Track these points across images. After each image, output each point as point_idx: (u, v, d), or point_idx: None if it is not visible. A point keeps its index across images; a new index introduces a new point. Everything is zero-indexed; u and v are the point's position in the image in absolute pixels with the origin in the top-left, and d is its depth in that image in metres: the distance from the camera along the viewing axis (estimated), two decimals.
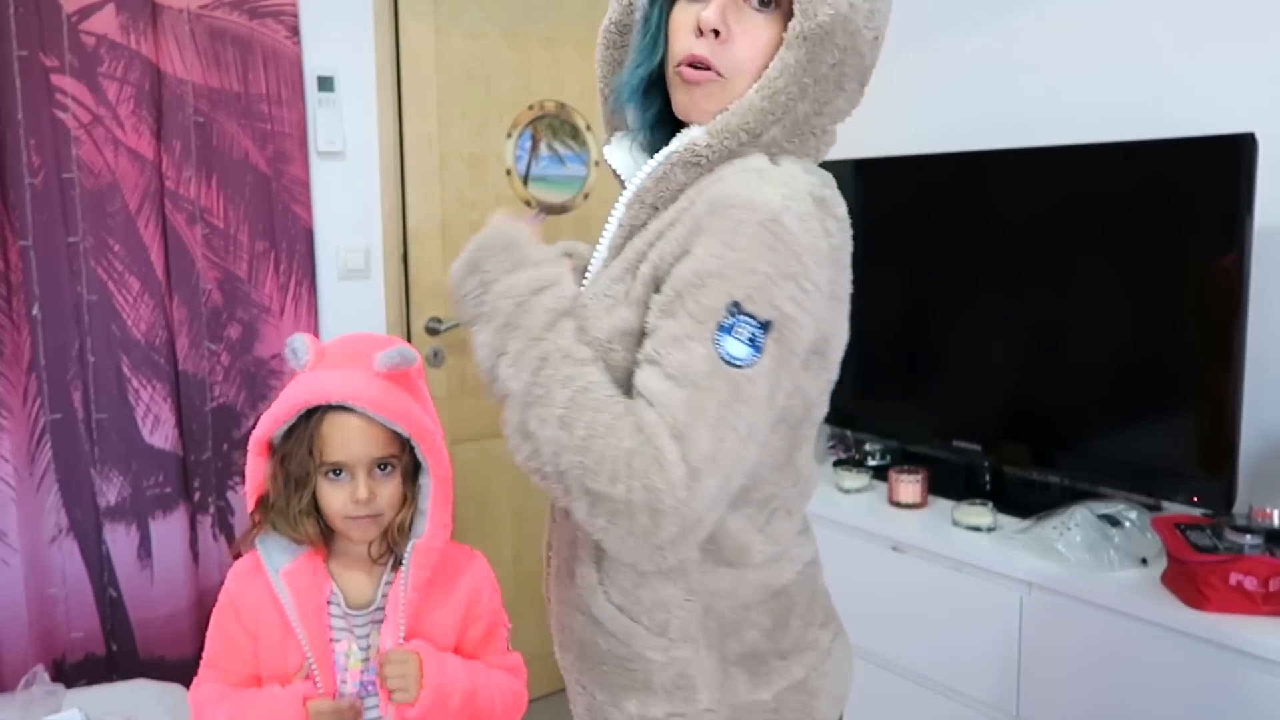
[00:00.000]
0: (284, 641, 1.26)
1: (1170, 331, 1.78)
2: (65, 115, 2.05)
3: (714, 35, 0.89)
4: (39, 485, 2.10)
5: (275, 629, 1.26)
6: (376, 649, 1.26)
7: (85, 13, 2.05)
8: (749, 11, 0.90)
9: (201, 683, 1.32)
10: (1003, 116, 2.22)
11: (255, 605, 1.27)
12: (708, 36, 0.89)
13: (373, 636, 1.28)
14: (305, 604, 1.25)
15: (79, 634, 2.16)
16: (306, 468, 1.23)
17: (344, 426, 1.22)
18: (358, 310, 2.50)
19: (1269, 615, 1.51)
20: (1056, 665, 1.72)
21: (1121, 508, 1.81)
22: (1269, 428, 1.83)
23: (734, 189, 0.84)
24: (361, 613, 1.29)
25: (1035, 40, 2.18)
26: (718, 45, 0.89)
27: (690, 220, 0.86)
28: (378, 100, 2.47)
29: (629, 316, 0.87)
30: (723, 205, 0.83)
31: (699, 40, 0.90)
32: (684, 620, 0.93)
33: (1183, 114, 1.91)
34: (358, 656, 1.28)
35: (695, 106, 0.93)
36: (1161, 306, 1.78)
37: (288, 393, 1.24)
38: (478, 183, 2.68)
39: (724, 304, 0.80)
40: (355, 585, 1.30)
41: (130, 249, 2.13)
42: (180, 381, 2.23)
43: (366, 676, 1.28)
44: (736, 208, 0.82)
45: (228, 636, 1.30)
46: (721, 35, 0.89)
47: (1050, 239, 1.93)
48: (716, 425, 0.79)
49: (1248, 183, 1.61)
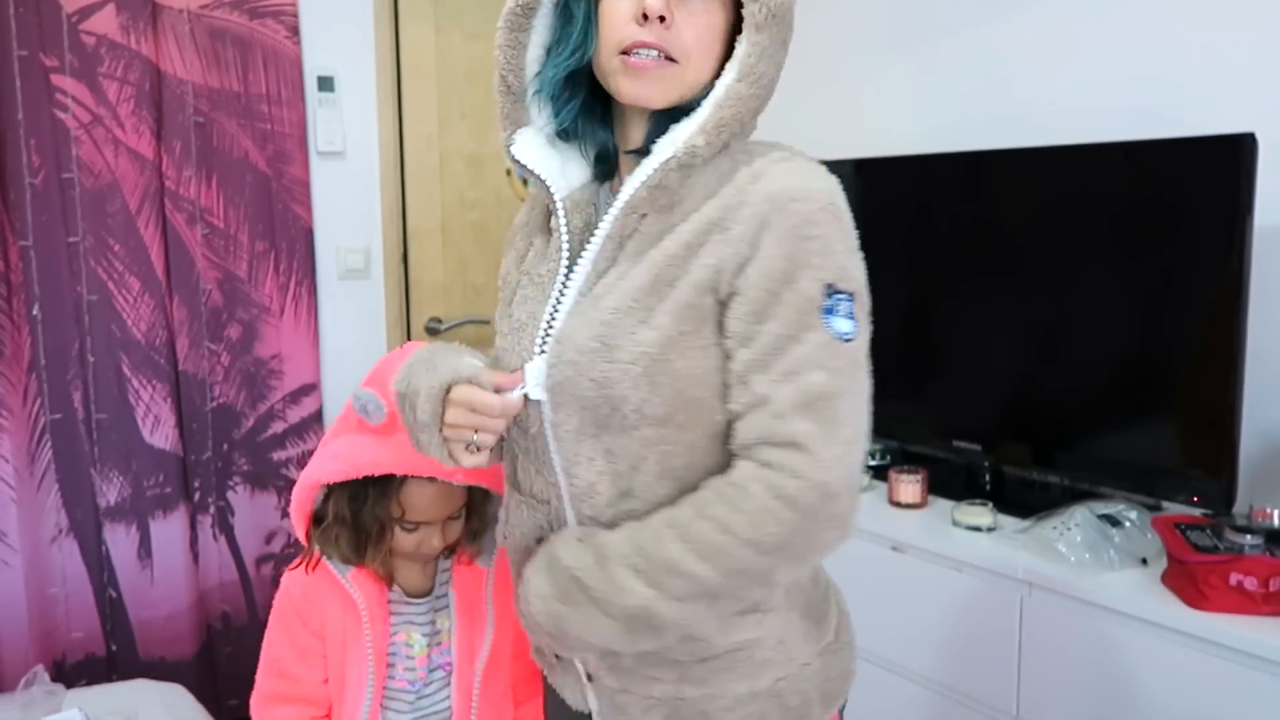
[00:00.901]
0: (348, 640, 1.33)
1: (1170, 331, 1.78)
2: (65, 115, 2.05)
3: (659, 21, 0.87)
4: (39, 485, 2.11)
5: (340, 629, 1.33)
6: (445, 632, 1.35)
7: (85, 13, 2.05)
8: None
9: (272, 699, 1.35)
10: (1003, 116, 2.22)
11: (321, 607, 1.34)
12: (653, 23, 0.87)
13: (439, 622, 1.36)
14: (372, 603, 1.33)
15: (79, 634, 2.16)
16: (383, 520, 1.28)
17: (427, 493, 1.27)
18: (358, 310, 2.50)
19: (1269, 615, 1.50)
20: (1056, 665, 1.72)
21: (1121, 508, 1.80)
22: (1269, 428, 1.83)
23: (788, 182, 0.88)
24: (421, 601, 1.36)
25: (1035, 40, 2.18)
26: (664, 30, 0.88)
27: (748, 221, 0.87)
28: (378, 100, 2.47)
29: (668, 324, 0.88)
30: (785, 200, 0.87)
31: (643, 27, 0.88)
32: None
33: (1183, 114, 1.91)
34: (421, 644, 1.35)
35: (645, 93, 0.91)
36: (1161, 306, 1.78)
37: (370, 454, 1.23)
38: (478, 183, 2.68)
39: (820, 290, 0.85)
40: (411, 577, 1.37)
41: (130, 249, 2.14)
42: (180, 381, 2.23)
43: (434, 661, 1.36)
44: (799, 200, 0.87)
45: (296, 642, 1.35)
46: (666, 20, 0.87)
47: (1050, 239, 1.93)
48: (851, 397, 0.86)
49: (1248, 183, 1.61)
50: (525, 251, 1.05)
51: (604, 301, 0.90)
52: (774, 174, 0.89)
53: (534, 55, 0.97)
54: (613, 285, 0.91)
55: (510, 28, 0.96)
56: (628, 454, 0.90)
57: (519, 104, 0.98)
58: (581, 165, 1.00)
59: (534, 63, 0.97)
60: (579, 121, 0.98)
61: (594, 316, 0.90)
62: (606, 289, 0.91)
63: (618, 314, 0.89)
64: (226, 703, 2.37)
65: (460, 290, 2.69)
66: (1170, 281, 1.76)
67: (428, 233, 2.61)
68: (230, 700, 2.38)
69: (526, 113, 0.99)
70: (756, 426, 0.85)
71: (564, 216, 0.96)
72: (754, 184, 0.89)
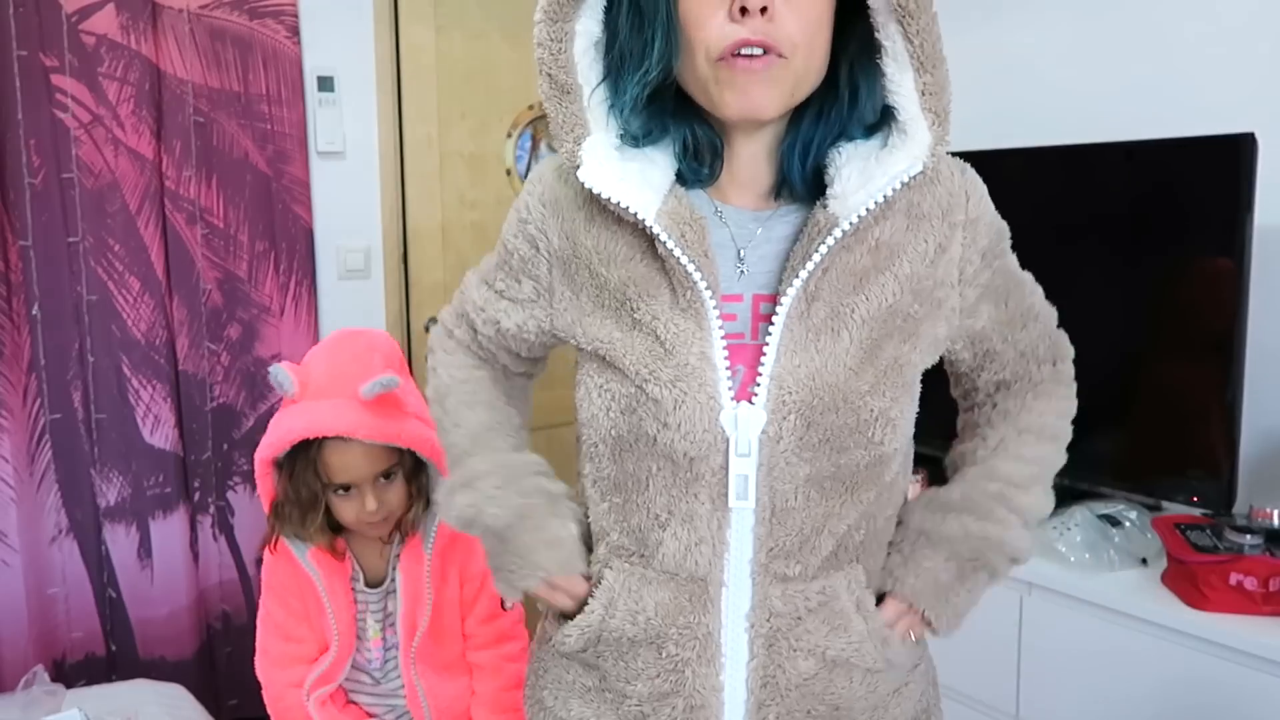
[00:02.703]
0: (310, 615, 1.43)
1: (1170, 331, 1.78)
2: (65, 115, 2.05)
3: (761, 13, 0.74)
4: (39, 485, 2.10)
5: (302, 606, 1.43)
6: (394, 614, 1.42)
7: (85, 13, 2.05)
8: None
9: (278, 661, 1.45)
10: (1003, 116, 2.22)
11: (291, 585, 1.42)
12: (754, 16, 0.74)
13: (389, 605, 1.44)
14: (333, 582, 1.40)
15: (79, 634, 2.16)
16: (315, 489, 1.34)
17: (346, 452, 1.32)
18: (358, 310, 2.50)
19: (1269, 615, 1.51)
20: (1056, 665, 1.72)
21: (1121, 508, 1.81)
22: (1269, 428, 1.83)
23: (986, 195, 0.92)
24: (375, 590, 1.44)
25: (1035, 40, 2.18)
26: (766, 23, 0.75)
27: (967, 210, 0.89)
28: (378, 100, 2.47)
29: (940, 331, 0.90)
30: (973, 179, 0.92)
31: (742, 23, 0.75)
32: None
33: (1183, 114, 1.91)
34: (375, 628, 1.44)
35: (755, 102, 0.78)
36: (1161, 306, 1.78)
37: (285, 422, 1.32)
38: (478, 183, 2.68)
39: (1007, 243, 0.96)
40: (371, 563, 1.44)
41: (130, 249, 2.14)
42: (180, 381, 2.23)
43: (389, 642, 1.45)
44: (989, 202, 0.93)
45: (287, 606, 1.44)
46: (769, 11, 0.74)
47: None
48: (1040, 291, 1.02)
49: (1248, 183, 1.61)
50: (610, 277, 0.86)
51: (844, 335, 0.82)
52: (971, 183, 0.91)
53: (582, 47, 0.82)
54: (843, 313, 0.82)
55: (552, 19, 0.80)
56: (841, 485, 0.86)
57: (574, 106, 0.82)
58: (666, 164, 0.85)
59: (583, 55, 0.83)
60: (660, 121, 0.84)
61: (843, 349, 0.82)
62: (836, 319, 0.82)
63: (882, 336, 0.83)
64: (226, 703, 2.37)
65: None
66: (1170, 281, 1.76)
67: (428, 233, 2.61)
68: (230, 700, 2.38)
69: (587, 120, 0.83)
70: (1035, 361, 0.99)
71: (671, 241, 0.81)
72: (963, 193, 0.89)
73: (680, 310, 0.82)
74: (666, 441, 0.81)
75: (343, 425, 1.28)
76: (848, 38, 0.81)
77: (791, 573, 0.84)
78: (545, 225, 0.89)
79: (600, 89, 0.83)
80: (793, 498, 0.82)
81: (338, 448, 1.31)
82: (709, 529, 0.83)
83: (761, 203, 0.87)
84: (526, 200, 0.92)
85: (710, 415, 0.80)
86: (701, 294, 0.81)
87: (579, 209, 0.87)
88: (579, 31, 0.82)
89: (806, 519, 0.83)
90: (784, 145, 0.84)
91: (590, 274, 0.86)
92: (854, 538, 0.87)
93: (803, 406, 0.80)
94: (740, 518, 0.82)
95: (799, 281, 0.80)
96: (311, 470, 1.32)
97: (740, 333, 0.83)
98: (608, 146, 0.83)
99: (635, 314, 0.83)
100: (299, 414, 1.31)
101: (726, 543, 0.83)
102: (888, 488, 0.89)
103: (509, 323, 0.95)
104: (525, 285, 0.93)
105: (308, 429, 1.29)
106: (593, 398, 0.86)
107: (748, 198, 0.87)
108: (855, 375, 0.81)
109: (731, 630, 0.85)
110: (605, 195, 0.81)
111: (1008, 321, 0.96)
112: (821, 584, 0.86)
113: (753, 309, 0.84)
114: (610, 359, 0.84)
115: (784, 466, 0.81)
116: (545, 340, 0.95)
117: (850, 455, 0.82)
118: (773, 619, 0.84)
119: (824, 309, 0.82)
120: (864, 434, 0.81)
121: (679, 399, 0.80)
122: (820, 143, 0.84)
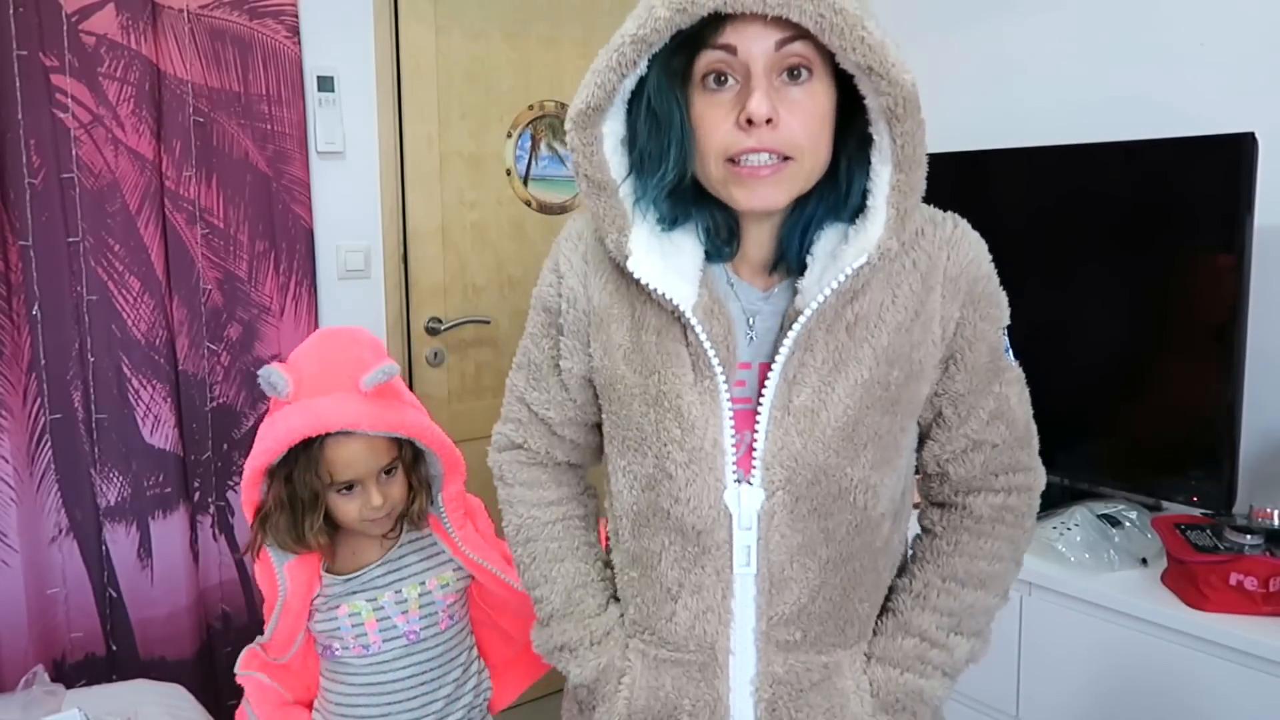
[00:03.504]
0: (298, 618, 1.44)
1: (1170, 331, 1.78)
2: (65, 115, 2.05)
3: (766, 123, 0.82)
4: (39, 485, 2.10)
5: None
6: (411, 600, 1.42)
7: (85, 13, 2.05)
8: (786, 89, 0.83)
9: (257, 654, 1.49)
10: (1003, 116, 2.22)
11: (273, 588, 1.41)
12: (759, 126, 0.82)
13: (405, 590, 1.43)
14: (296, 596, 1.39)
15: (79, 634, 2.16)
16: (315, 489, 1.32)
17: (348, 448, 1.30)
18: (358, 310, 2.50)
19: (1269, 615, 1.51)
20: (1056, 665, 1.72)
21: (1121, 508, 1.81)
22: (1269, 428, 1.83)
23: (969, 250, 0.94)
24: (361, 571, 1.42)
25: (1035, 40, 2.18)
26: (772, 131, 0.82)
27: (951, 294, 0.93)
28: (378, 100, 2.47)
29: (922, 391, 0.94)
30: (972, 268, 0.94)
31: (750, 132, 0.82)
32: None
33: (1183, 114, 1.91)
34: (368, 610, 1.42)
35: (763, 201, 0.86)
36: (1161, 306, 1.78)
37: (284, 423, 1.29)
38: (478, 183, 2.68)
39: (1001, 336, 0.97)
40: (369, 553, 1.44)
41: (130, 249, 2.14)
42: (180, 381, 2.23)
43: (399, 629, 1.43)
44: (981, 261, 0.95)
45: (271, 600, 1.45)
46: (774, 121, 0.82)
47: (1050, 239, 1.93)
48: (1029, 406, 1.03)
49: (1248, 183, 1.61)
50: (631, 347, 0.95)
51: (823, 415, 0.89)
52: (953, 240, 0.93)
53: (611, 145, 0.90)
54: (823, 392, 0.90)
55: (581, 126, 0.89)
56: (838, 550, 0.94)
57: (612, 200, 0.90)
58: (693, 248, 0.94)
59: (613, 153, 0.90)
60: (684, 206, 0.92)
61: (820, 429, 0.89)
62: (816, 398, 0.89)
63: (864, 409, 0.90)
64: (226, 703, 2.37)
65: (460, 290, 2.69)
66: (1170, 281, 1.76)
67: (428, 233, 2.61)
68: (230, 700, 2.37)
69: (625, 210, 0.91)
70: (981, 464, 0.98)
71: (703, 333, 0.90)
72: (942, 252, 0.92)
73: (699, 392, 0.91)
74: (678, 515, 0.92)
75: (347, 418, 1.27)
76: (848, 133, 0.88)
77: (793, 638, 0.93)
78: (588, 281, 0.98)
79: (628, 182, 0.91)
80: (788, 565, 0.91)
81: (340, 443, 1.30)
82: (715, 598, 0.93)
83: (767, 278, 0.95)
84: (568, 257, 1.00)
85: (716, 494, 0.90)
86: (719, 384, 0.90)
87: (620, 273, 0.95)
88: (606, 133, 0.90)
89: (803, 586, 0.92)
90: (786, 226, 0.92)
91: (626, 333, 0.95)
92: (858, 610, 0.96)
93: (788, 484, 0.89)
94: (743, 587, 0.92)
95: (777, 370, 0.89)
96: (313, 470, 1.31)
97: (748, 398, 0.93)
98: (649, 236, 0.91)
99: (662, 386, 0.92)
100: (297, 413, 1.28)
101: (731, 612, 0.93)
102: (881, 552, 0.97)
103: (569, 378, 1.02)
104: (568, 339, 1.00)
105: (312, 426, 1.27)
106: (618, 476, 0.98)
107: (756, 273, 0.95)
108: (835, 452, 0.89)
109: (738, 695, 0.95)
110: (652, 286, 0.89)
111: (967, 394, 0.96)
112: (824, 659, 0.95)
113: (759, 376, 0.92)
114: (633, 443, 0.95)
115: (779, 539, 0.90)
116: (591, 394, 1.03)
117: (836, 520, 0.91)
118: (775, 686, 0.94)
119: (805, 391, 0.89)
120: (846, 499, 0.90)
121: (691, 478, 0.91)
122: (817, 226, 0.92)
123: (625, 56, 0.83)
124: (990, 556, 0.99)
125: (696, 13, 0.79)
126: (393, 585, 1.44)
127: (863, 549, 0.94)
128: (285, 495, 1.33)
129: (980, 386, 0.96)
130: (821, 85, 0.84)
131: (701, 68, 0.84)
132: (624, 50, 0.83)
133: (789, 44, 0.81)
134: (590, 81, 0.87)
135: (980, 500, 1.00)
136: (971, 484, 1.00)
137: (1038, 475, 1.03)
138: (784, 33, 0.80)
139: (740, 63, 0.82)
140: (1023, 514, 1.01)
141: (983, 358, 0.95)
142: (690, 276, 0.92)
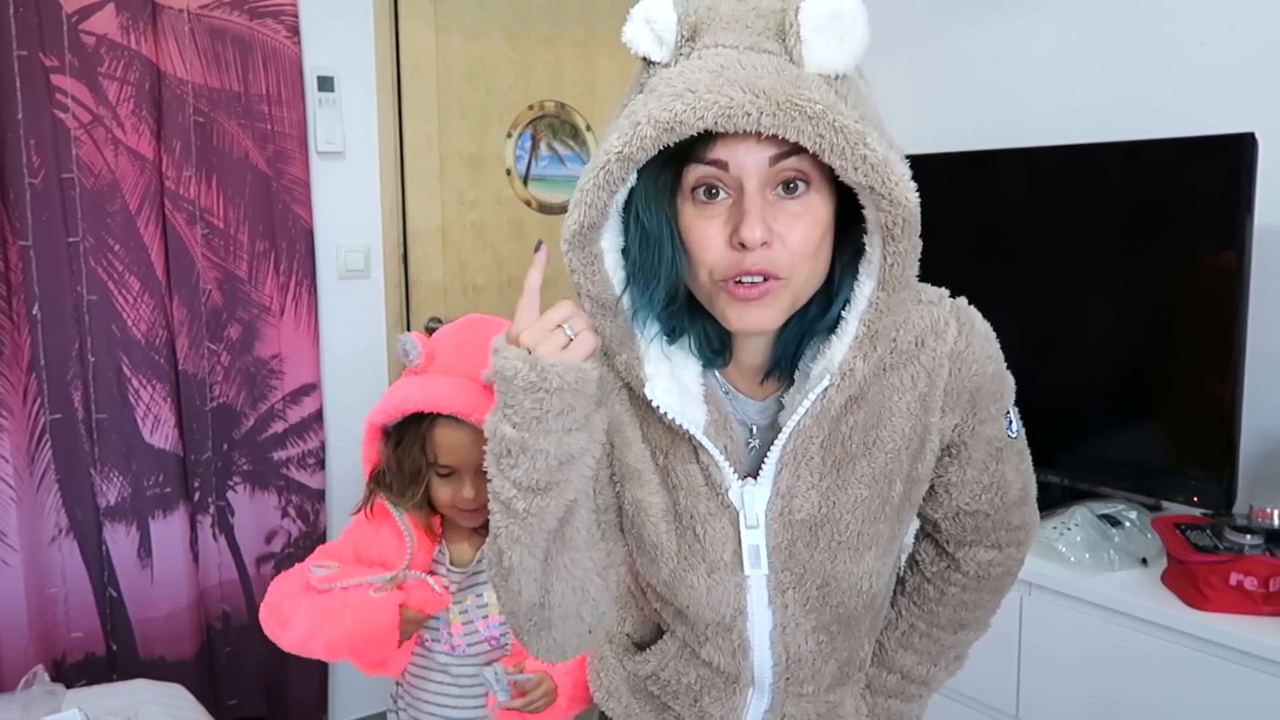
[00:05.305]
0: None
1: (1170, 331, 1.78)
2: (65, 115, 2.05)
3: (760, 245, 0.77)
4: (39, 485, 2.11)
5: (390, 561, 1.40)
6: (493, 606, 1.40)
7: (85, 13, 2.05)
8: (781, 203, 0.78)
9: (290, 575, 1.42)
10: (1003, 116, 2.22)
11: (378, 542, 1.40)
12: (753, 250, 0.77)
13: (486, 595, 1.41)
14: (419, 545, 1.39)
15: (79, 634, 2.16)
16: (419, 464, 1.34)
17: (456, 434, 1.31)
18: (358, 310, 2.50)
19: (1269, 615, 1.51)
20: (1056, 665, 1.72)
21: (1121, 508, 1.81)
22: (1269, 428, 1.83)
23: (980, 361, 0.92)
24: (461, 570, 1.42)
25: (1035, 40, 2.18)
26: (766, 252, 0.78)
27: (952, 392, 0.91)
28: (378, 100, 2.47)
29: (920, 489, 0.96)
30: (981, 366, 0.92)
31: (744, 254, 0.78)
32: None
33: (1183, 114, 1.91)
34: (455, 613, 1.41)
35: (755, 322, 0.81)
36: (1161, 306, 1.78)
37: (402, 392, 1.32)
38: (478, 183, 2.68)
39: (1006, 418, 0.96)
40: (459, 549, 1.44)
41: (130, 249, 2.14)
42: (180, 381, 2.23)
43: (481, 634, 1.41)
44: (991, 359, 0.93)
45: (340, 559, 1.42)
46: (769, 243, 0.77)
47: (1050, 239, 1.93)
48: (1032, 477, 1.03)
49: (1248, 183, 1.61)
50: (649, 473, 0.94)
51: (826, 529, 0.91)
52: (955, 353, 0.90)
53: (612, 261, 0.85)
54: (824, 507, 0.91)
55: (578, 246, 0.83)
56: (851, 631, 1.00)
57: (621, 319, 0.86)
58: (691, 366, 0.91)
59: (615, 269, 0.86)
60: (680, 318, 0.89)
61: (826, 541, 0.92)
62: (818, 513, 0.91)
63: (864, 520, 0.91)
64: (226, 703, 2.37)
65: (460, 290, 2.69)
66: (1170, 281, 1.76)
67: (428, 233, 2.61)
68: (230, 700, 2.38)
69: (632, 333, 0.87)
70: (974, 528, 1.00)
71: (717, 453, 0.89)
72: (943, 369, 0.90)
73: (716, 508, 0.91)
74: (697, 613, 0.95)
75: (458, 404, 1.28)
76: (845, 240, 0.85)
77: (805, 693, 1.00)
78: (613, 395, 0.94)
79: (627, 294, 0.87)
80: (804, 644, 0.96)
81: (449, 427, 1.31)
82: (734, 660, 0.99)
83: (761, 387, 0.93)
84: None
85: (738, 597, 0.94)
86: (731, 499, 0.90)
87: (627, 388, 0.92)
88: (605, 248, 0.85)
89: (818, 658, 0.98)
90: (783, 336, 0.89)
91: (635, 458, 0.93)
92: (862, 655, 1.03)
93: (795, 589, 0.93)
94: (761, 659, 0.97)
95: (767, 485, 0.90)
96: (419, 445, 1.33)
97: None
98: (659, 357, 0.88)
99: (678, 506, 0.92)
100: (417, 386, 1.31)
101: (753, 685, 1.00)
102: (883, 606, 1.04)
103: None
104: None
105: (423, 402, 1.29)
106: (632, 569, 1.01)
107: (750, 381, 0.93)
108: (843, 561, 0.92)
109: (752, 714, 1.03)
110: (670, 416, 0.87)
111: (960, 481, 0.97)
112: (829, 698, 1.02)
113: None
114: (649, 550, 0.95)
115: (793, 627, 0.95)
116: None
117: (846, 605, 0.95)
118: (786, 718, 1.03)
119: (806, 506, 0.90)
120: (854, 588, 0.94)
121: (711, 587, 0.93)
122: (813, 335, 0.89)
123: (612, 174, 0.78)
124: (974, 606, 1.04)
125: (685, 132, 0.75)
126: (474, 589, 1.43)
127: (865, 609, 0.98)
128: (394, 460, 1.35)
129: (975, 474, 0.97)
130: (820, 198, 0.80)
131: (691, 181, 0.80)
132: (610, 168, 0.78)
133: (784, 159, 0.77)
134: (580, 201, 0.81)
135: (970, 555, 1.02)
136: (963, 539, 1.02)
137: (1030, 529, 1.04)
138: (779, 147, 0.76)
139: (733, 178, 0.77)
140: (1011, 567, 1.04)
141: (980, 452, 0.95)
142: (695, 393, 0.90)
